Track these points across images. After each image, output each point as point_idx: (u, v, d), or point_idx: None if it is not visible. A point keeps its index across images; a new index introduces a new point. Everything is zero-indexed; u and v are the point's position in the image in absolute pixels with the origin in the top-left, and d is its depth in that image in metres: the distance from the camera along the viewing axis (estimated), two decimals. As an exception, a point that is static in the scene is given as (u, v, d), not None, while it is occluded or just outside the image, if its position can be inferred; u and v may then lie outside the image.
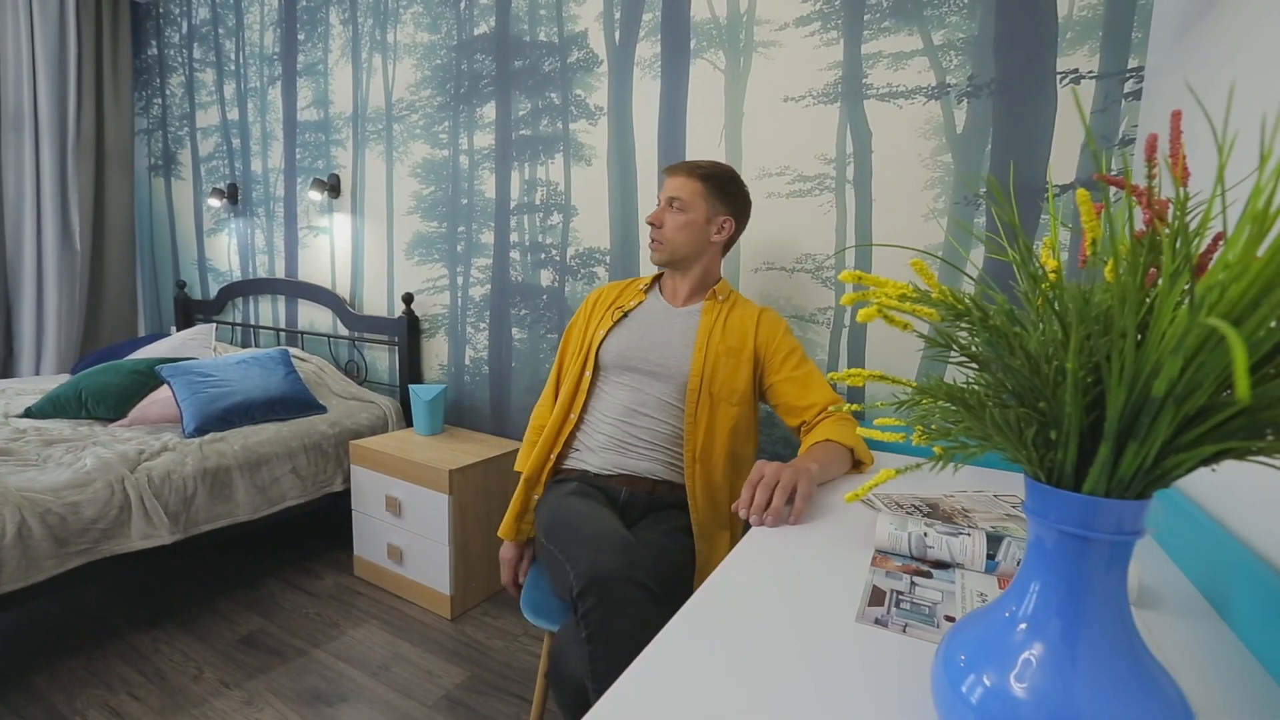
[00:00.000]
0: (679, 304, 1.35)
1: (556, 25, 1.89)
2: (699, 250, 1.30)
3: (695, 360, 1.25)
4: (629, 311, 1.35)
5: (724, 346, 1.26)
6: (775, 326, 1.30)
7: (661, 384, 1.26)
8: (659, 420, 1.25)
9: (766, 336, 1.28)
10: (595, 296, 1.44)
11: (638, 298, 1.38)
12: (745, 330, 1.28)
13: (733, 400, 1.24)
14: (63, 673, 1.52)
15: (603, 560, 0.94)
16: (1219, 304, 0.30)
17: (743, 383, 1.25)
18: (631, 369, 1.28)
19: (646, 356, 1.28)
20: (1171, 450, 0.34)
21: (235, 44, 2.79)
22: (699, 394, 1.23)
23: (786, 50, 1.54)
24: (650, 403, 1.26)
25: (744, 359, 1.26)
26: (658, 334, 1.30)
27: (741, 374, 1.25)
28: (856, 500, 0.51)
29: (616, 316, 1.35)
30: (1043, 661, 0.37)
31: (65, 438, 1.78)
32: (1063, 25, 1.25)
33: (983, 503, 0.93)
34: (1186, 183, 0.37)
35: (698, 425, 1.23)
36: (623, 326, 1.33)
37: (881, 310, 0.41)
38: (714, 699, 0.49)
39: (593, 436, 1.29)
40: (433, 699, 1.47)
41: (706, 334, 1.27)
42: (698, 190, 1.27)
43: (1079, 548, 0.37)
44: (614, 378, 1.30)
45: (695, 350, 1.25)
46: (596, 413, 1.30)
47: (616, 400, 1.28)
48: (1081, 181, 1.26)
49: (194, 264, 3.15)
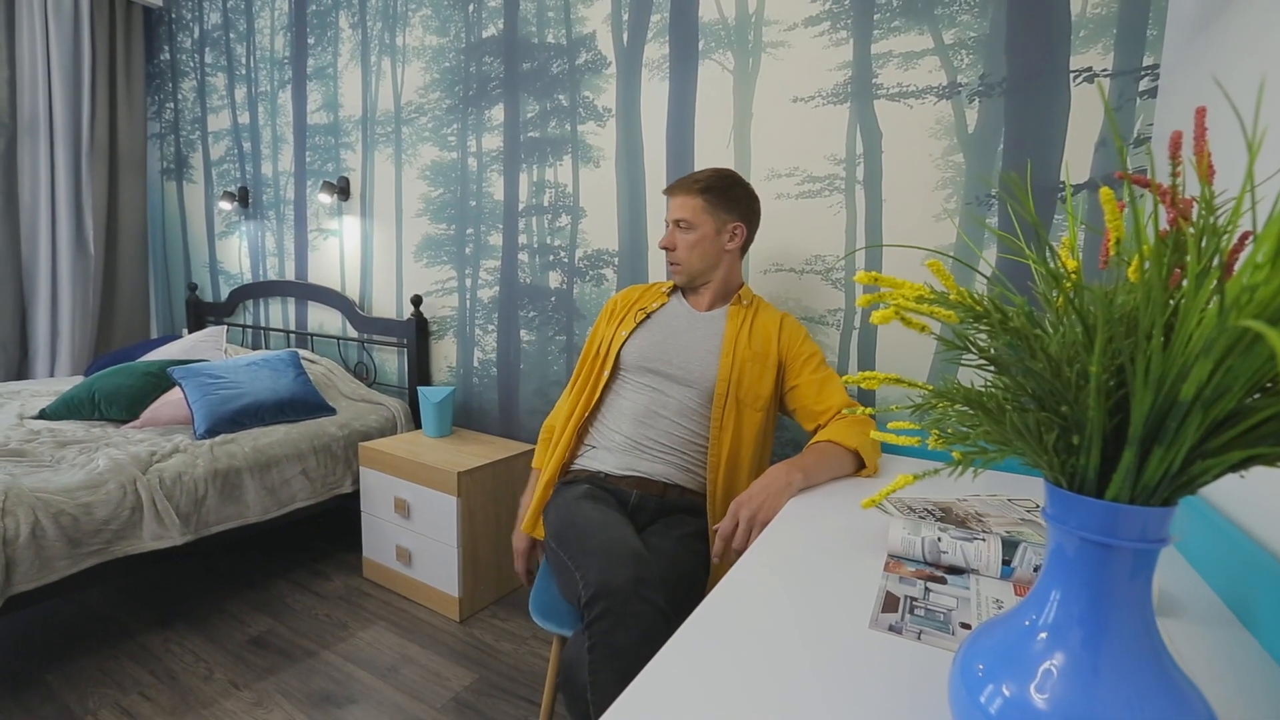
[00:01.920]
0: (703, 309, 1.34)
1: (565, 27, 1.89)
2: (715, 262, 1.31)
3: (723, 365, 1.24)
4: (651, 313, 1.35)
5: (750, 352, 1.25)
6: (797, 331, 1.31)
7: (682, 388, 1.26)
8: (677, 424, 1.25)
9: (789, 341, 1.28)
10: (616, 299, 1.44)
11: (660, 300, 1.37)
12: (769, 335, 1.28)
13: (758, 406, 1.24)
14: (75, 672, 1.53)
15: (612, 571, 0.93)
16: (1249, 305, 0.29)
17: (767, 388, 1.25)
18: (653, 371, 1.28)
19: (669, 359, 1.27)
20: (1199, 455, 0.33)
21: (246, 48, 2.81)
22: (726, 399, 1.23)
23: (795, 50, 1.53)
24: (670, 406, 1.25)
25: (769, 365, 1.26)
26: (681, 338, 1.30)
27: (766, 379, 1.25)
28: (874, 506, 0.50)
29: (640, 318, 1.34)
30: (1064, 672, 0.36)
31: (78, 439, 1.79)
32: (1076, 23, 1.23)
33: (997, 507, 0.91)
34: (1212, 180, 0.36)
35: (724, 431, 1.22)
36: (645, 328, 1.33)
37: (899, 312, 0.40)
38: (725, 706, 0.48)
39: (608, 436, 1.28)
40: (441, 701, 1.47)
41: (733, 339, 1.26)
42: (699, 206, 1.27)
43: (1101, 555, 0.36)
44: (634, 379, 1.30)
45: (723, 355, 1.25)
46: (613, 413, 1.29)
47: (635, 402, 1.27)
48: (1097, 181, 1.24)
49: (205, 267, 3.17)
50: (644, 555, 0.99)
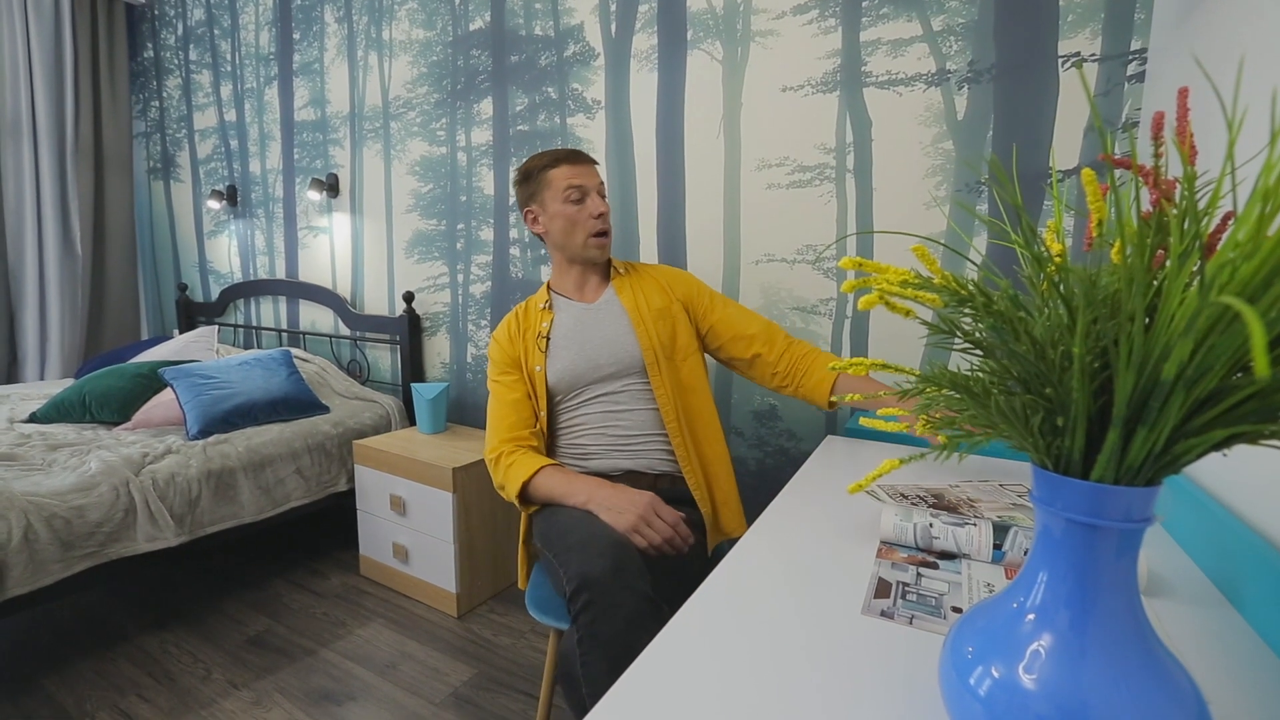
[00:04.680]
0: (591, 298, 1.31)
1: (552, 19, 1.88)
2: None
3: (640, 336, 1.24)
4: (549, 334, 1.27)
5: (653, 312, 1.26)
6: (687, 277, 1.34)
7: (621, 380, 1.25)
8: (637, 410, 1.24)
9: (684, 287, 1.31)
10: (499, 342, 1.31)
11: (546, 317, 1.29)
12: (660, 287, 1.30)
13: (686, 354, 1.27)
14: (72, 675, 1.53)
15: (592, 562, 0.93)
16: (1230, 284, 0.30)
17: (685, 336, 1.27)
18: (590, 382, 1.24)
19: (598, 363, 1.24)
20: (1182, 435, 0.33)
21: (231, 44, 2.78)
22: (658, 365, 1.23)
23: (784, 39, 1.52)
24: (622, 399, 1.24)
25: (675, 314, 1.28)
26: (594, 336, 1.26)
27: (681, 328, 1.27)
28: (860, 491, 0.50)
29: (542, 345, 1.26)
30: (1052, 652, 0.37)
31: (70, 442, 1.78)
32: (1064, 8, 1.23)
33: (988, 492, 0.92)
34: (1194, 161, 0.36)
35: (665, 387, 1.23)
36: (555, 349, 1.26)
37: (883, 297, 0.40)
38: (720, 694, 0.49)
39: (579, 452, 1.26)
40: (440, 697, 1.47)
41: (635, 308, 1.26)
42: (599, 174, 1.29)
43: (1087, 536, 0.37)
44: (575, 400, 1.26)
45: (635, 327, 1.25)
46: (573, 434, 1.26)
47: (589, 415, 1.25)
48: (1085, 166, 1.24)
49: (195, 266, 3.15)
50: (624, 544, 0.99)
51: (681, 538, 1.06)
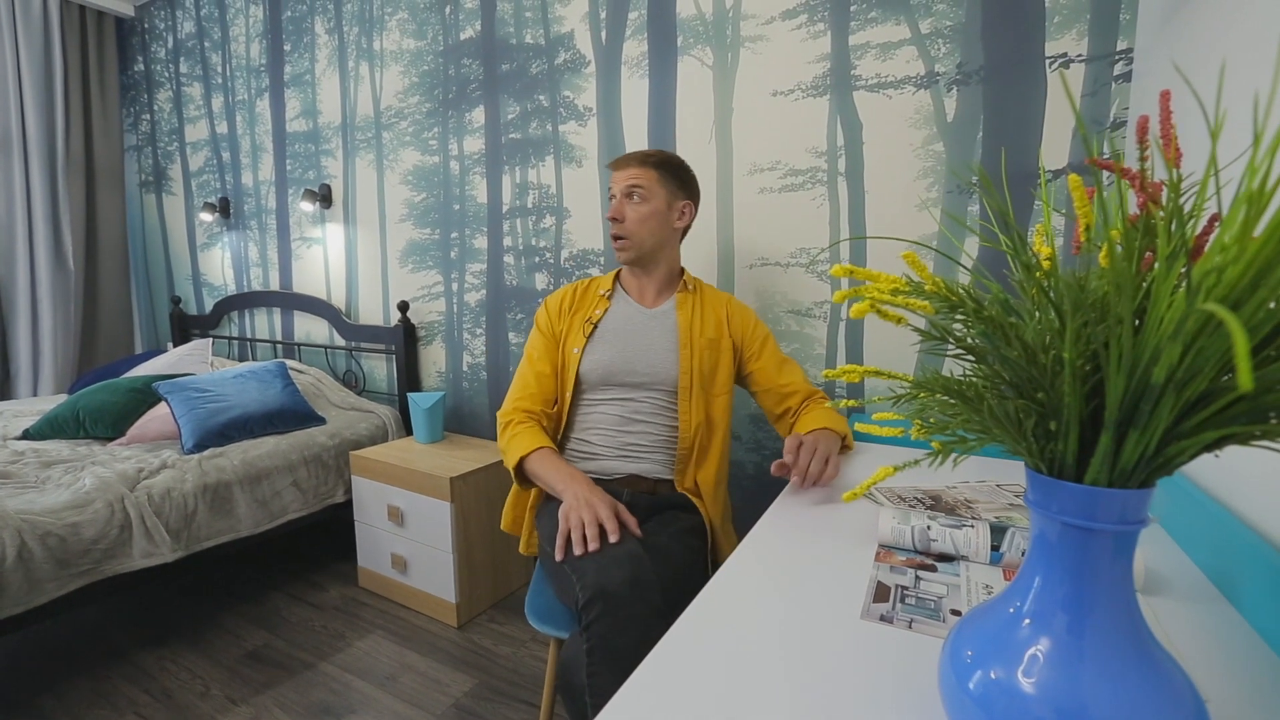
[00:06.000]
0: (650, 304, 1.30)
1: (543, 27, 1.89)
2: (664, 241, 1.26)
3: (683, 359, 1.23)
4: (598, 322, 1.28)
5: (704, 339, 1.25)
6: (747, 313, 1.32)
7: (650, 391, 1.24)
8: (652, 424, 1.24)
9: (740, 323, 1.30)
10: (548, 306, 1.33)
11: (602, 305, 1.30)
12: (719, 319, 1.29)
13: (721, 390, 1.25)
14: (69, 694, 1.52)
15: (608, 573, 0.93)
16: (1217, 287, 0.30)
17: (724, 372, 1.26)
18: (618, 384, 1.24)
19: (633, 369, 1.23)
20: (1173, 437, 0.33)
21: (221, 57, 2.78)
22: (691, 391, 1.23)
23: (774, 44, 1.53)
24: (644, 409, 1.24)
25: (724, 349, 1.26)
26: (638, 341, 1.25)
27: (724, 363, 1.26)
28: (855, 499, 0.50)
29: (588, 330, 1.27)
30: (1049, 656, 0.37)
31: (64, 458, 1.77)
32: (1050, 9, 1.24)
33: (985, 493, 0.92)
34: (1179, 164, 0.36)
35: (692, 419, 1.22)
36: (599, 340, 1.26)
37: (874, 305, 0.40)
38: (720, 701, 0.48)
39: (587, 448, 1.26)
40: (441, 708, 1.47)
41: (688, 331, 1.25)
42: (654, 177, 1.23)
43: (1082, 539, 0.37)
44: (599, 394, 1.26)
45: (680, 349, 1.24)
46: (585, 428, 1.26)
47: (607, 414, 1.25)
48: (1075, 166, 1.25)
49: (188, 279, 3.14)
50: (640, 556, 0.99)
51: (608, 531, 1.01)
